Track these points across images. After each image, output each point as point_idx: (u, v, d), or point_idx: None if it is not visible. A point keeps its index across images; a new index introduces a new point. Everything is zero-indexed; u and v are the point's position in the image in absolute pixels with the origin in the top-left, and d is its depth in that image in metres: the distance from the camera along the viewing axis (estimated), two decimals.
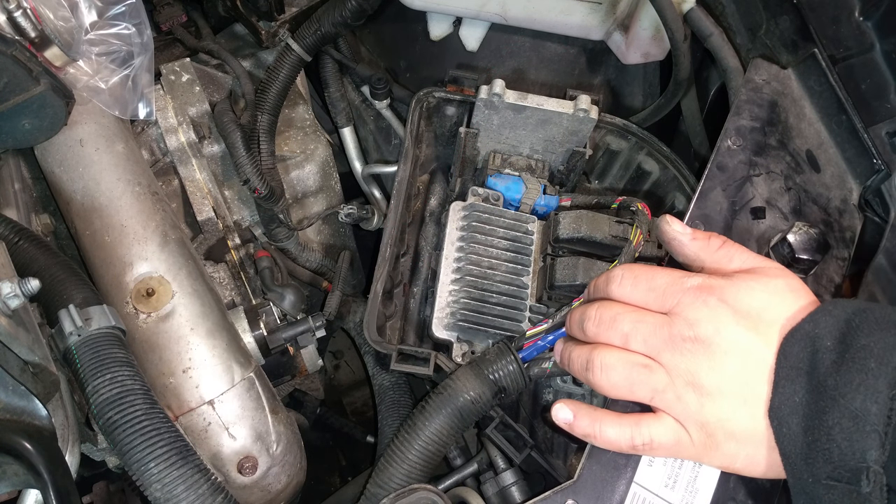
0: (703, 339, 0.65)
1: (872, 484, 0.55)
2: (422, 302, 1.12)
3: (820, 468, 0.58)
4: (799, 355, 0.62)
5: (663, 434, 0.68)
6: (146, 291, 0.92)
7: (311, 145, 1.29)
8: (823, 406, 0.58)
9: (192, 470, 0.72)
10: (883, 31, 0.90)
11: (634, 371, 0.68)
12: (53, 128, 0.94)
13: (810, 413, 0.59)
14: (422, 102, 1.15)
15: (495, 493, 0.92)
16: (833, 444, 0.57)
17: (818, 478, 0.59)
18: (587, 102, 1.06)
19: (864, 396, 0.56)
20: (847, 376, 0.58)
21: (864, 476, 0.56)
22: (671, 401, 0.67)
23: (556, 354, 0.80)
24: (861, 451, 0.56)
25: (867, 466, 0.55)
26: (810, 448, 0.59)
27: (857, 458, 0.56)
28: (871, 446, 0.56)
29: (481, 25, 1.27)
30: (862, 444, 0.56)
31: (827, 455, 0.58)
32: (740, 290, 0.66)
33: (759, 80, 0.96)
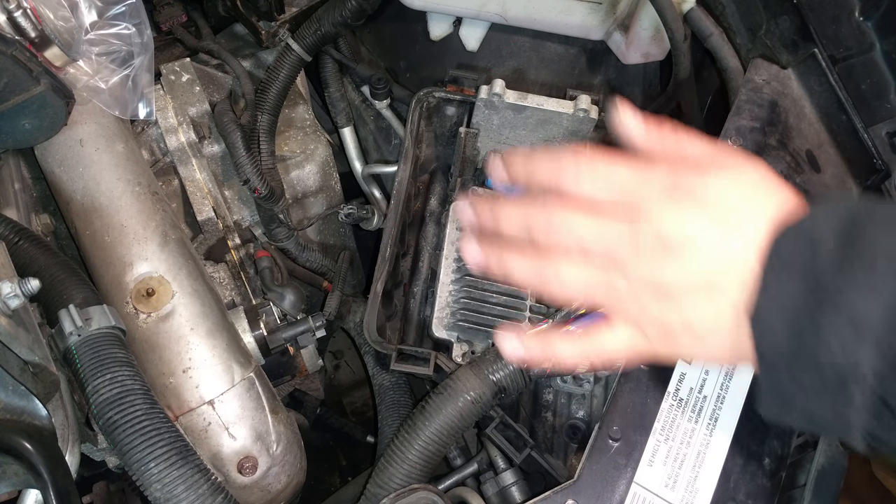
0: (670, 241, 0.59)
1: (861, 392, 0.51)
2: (422, 302, 1.12)
3: (804, 374, 0.54)
4: (794, 253, 0.55)
5: (618, 343, 0.64)
6: (146, 291, 0.92)
7: (311, 145, 1.29)
8: (818, 308, 0.52)
9: (192, 470, 0.71)
10: (883, 31, 0.90)
11: (594, 282, 0.62)
12: (53, 128, 0.94)
13: (801, 315, 0.53)
14: (422, 102, 1.15)
15: (495, 493, 0.92)
16: (824, 348, 0.52)
17: (801, 384, 0.54)
18: (587, 102, 1.06)
19: (867, 299, 0.50)
20: (849, 276, 0.51)
21: (853, 384, 0.51)
22: (631, 307, 0.62)
23: (471, 258, 0.67)
24: (854, 357, 0.50)
25: (860, 374, 0.50)
26: (796, 352, 0.54)
27: (849, 364, 0.51)
28: (867, 353, 0.50)
29: (481, 25, 1.27)
30: (857, 349, 0.50)
31: (814, 360, 0.52)
32: (711, 184, 0.59)
33: (759, 80, 0.96)
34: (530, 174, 0.66)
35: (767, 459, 0.78)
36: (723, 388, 0.80)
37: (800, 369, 0.54)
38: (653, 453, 0.76)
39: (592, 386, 1.09)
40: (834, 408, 0.53)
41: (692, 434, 0.77)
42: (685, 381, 0.80)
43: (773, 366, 0.56)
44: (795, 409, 0.56)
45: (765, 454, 0.78)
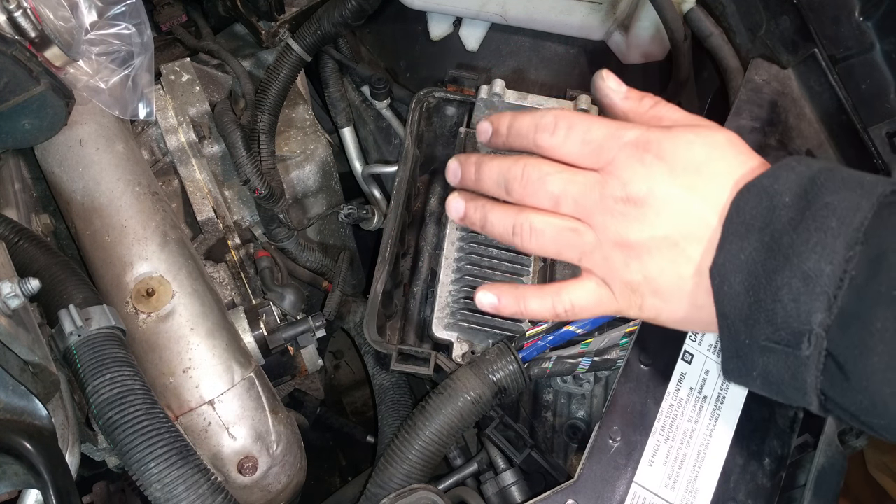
0: (635, 199, 0.61)
1: (813, 348, 0.52)
2: (422, 302, 1.12)
3: (760, 330, 0.55)
4: (753, 211, 0.57)
5: (584, 297, 0.67)
6: (146, 291, 0.92)
7: (311, 145, 1.29)
8: (774, 264, 0.54)
9: (192, 470, 0.71)
10: (883, 31, 0.90)
11: (563, 234, 0.65)
12: (53, 128, 0.94)
13: (758, 271, 0.55)
14: (422, 102, 1.15)
15: (495, 493, 0.92)
16: (778, 304, 0.54)
17: (756, 339, 0.56)
18: (587, 102, 1.06)
19: (819, 256, 0.52)
20: (804, 234, 0.53)
21: (805, 339, 0.52)
22: (598, 261, 0.65)
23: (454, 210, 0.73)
24: (807, 313, 0.52)
25: (811, 329, 0.52)
26: (752, 308, 0.55)
27: (801, 320, 0.53)
28: (818, 309, 0.52)
29: (481, 25, 1.27)
30: (809, 305, 0.52)
31: (770, 316, 0.54)
32: (679, 144, 0.61)
33: (759, 80, 0.96)
34: (513, 132, 0.68)
35: (767, 459, 0.78)
36: (723, 388, 0.80)
37: (756, 326, 0.55)
38: (653, 453, 0.76)
39: (592, 386, 1.09)
40: (788, 365, 0.54)
41: (692, 434, 0.77)
42: (685, 381, 0.80)
43: (732, 324, 0.57)
44: (755, 367, 0.58)
45: (765, 454, 0.78)
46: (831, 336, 0.52)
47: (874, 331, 0.50)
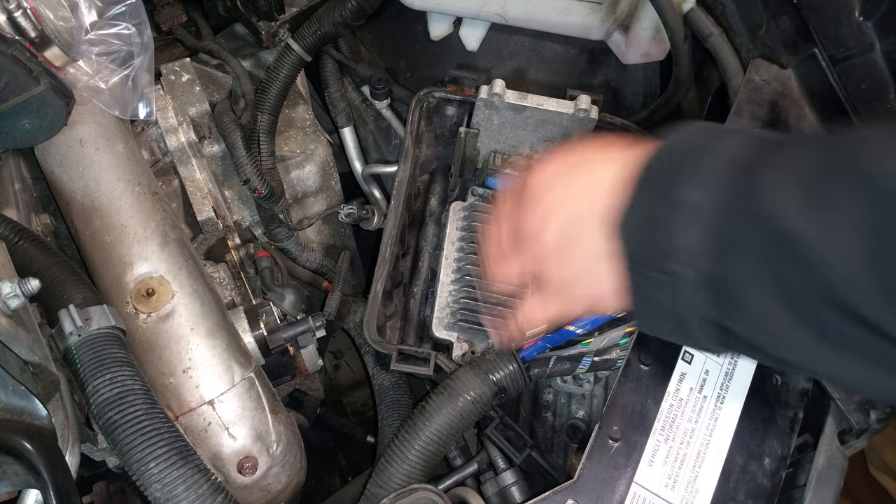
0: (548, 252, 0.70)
1: (685, 267, 0.58)
2: (422, 302, 1.12)
3: (649, 260, 0.61)
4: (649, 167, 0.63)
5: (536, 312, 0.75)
6: (146, 291, 0.92)
7: (311, 145, 1.29)
8: (661, 202, 0.61)
9: (192, 470, 0.71)
10: (883, 31, 0.90)
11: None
12: (53, 128, 0.94)
13: (650, 212, 0.61)
14: (422, 102, 1.15)
15: (495, 493, 0.92)
16: (663, 235, 0.60)
17: (652, 277, 0.61)
18: (587, 102, 1.06)
19: (694, 187, 0.58)
20: (683, 172, 0.60)
21: (680, 261, 0.58)
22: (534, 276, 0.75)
23: None
24: (684, 238, 0.58)
25: (686, 253, 0.58)
26: (645, 244, 0.62)
27: (680, 245, 0.58)
28: (693, 233, 0.57)
29: (481, 25, 1.27)
30: (685, 231, 0.58)
31: (656, 246, 0.60)
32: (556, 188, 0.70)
33: (759, 80, 0.96)
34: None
35: (767, 459, 0.78)
36: (723, 388, 0.80)
37: (648, 259, 0.62)
38: (653, 453, 0.76)
39: (592, 386, 1.09)
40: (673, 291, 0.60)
41: (692, 434, 0.77)
42: (685, 381, 0.80)
43: (631, 264, 0.63)
44: (649, 302, 0.63)
45: (765, 454, 0.78)
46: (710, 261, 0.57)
47: (741, 246, 0.55)
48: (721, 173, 0.58)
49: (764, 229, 0.54)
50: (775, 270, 0.54)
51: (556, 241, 0.69)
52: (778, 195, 0.54)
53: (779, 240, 0.53)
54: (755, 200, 0.55)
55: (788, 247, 0.53)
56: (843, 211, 0.50)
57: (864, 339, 0.52)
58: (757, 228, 0.54)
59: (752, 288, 0.55)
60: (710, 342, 0.61)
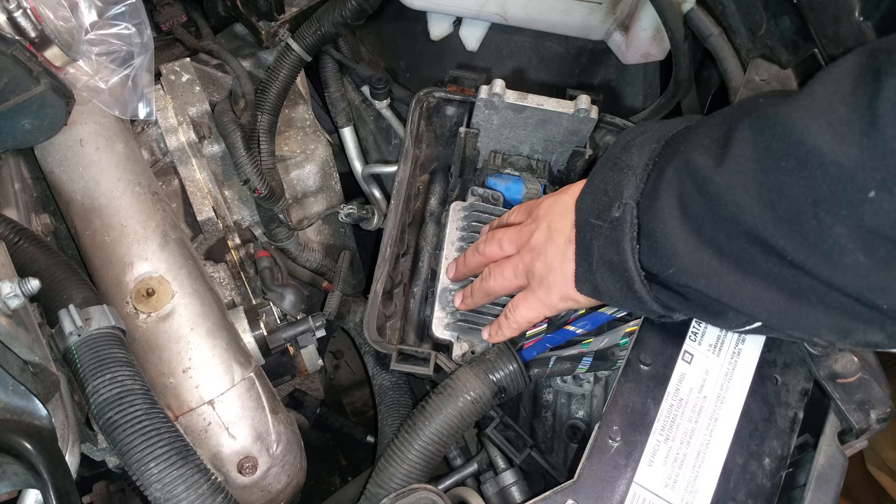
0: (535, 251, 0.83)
1: (622, 210, 0.68)
2: (422, 302, 1.12)
3: (592, 214, 0.73)
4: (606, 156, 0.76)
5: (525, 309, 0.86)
6: (146, 291, 0.92)
7: (311, 145, 1.29)
8: (608, 173, 0.73)
9: (192, 470, 0.71)
10: (883, 32, 0.90)
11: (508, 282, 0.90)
12: (53, 128, 0.94)
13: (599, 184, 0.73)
14: (422, 102, 1.15)
15: (495, 493, 0.92)
16: (604, 194, 0.71)
17: (590, 223, 0.73)
18: (587, 102, 1.06)
19: (633, 154, 0.70)
20: (629, 147, 0.72)
21: (615, 206, 0.69)
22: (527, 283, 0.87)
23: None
24: (620, 190, 0.69)
25: (621, 200, 0.69)
26: (591, 206, 0.74)
27: (616, 196, 0.69)
28: (628, 185, 0.69)
29: (481, 25, 1.27)
30: (621, 185, 0.69)
31: (600, 204, 0.72)
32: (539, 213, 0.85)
33: (759, 80, 0.96)
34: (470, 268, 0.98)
35: (767, 459, 0.78)
36: (723, 388, 0.80)
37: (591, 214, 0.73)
38: (653, 453, 0.76)
39: (592, 386, 1.09)
40: (611, 239, 0.69)
41: (692, 434, 0.77)
42: (685, 381, 0.80)
43: (580, 230, 0.75)
44: (594, 258, 0.73)
45: (765, 454, 0.78)
46: (641, 208, 0.67)
47: (663, 189, 0.64)
48: (653, 139, 0.70)
49: (678, 172, 0.64)
50: (685, 203, 0.63)
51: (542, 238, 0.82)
52: (691, 142, 0.65)
53: (688, 178, 0.62)
54: (678, 152, 0.65)
55: (695, 182, 0.61)
56: (737, 147, 0.58)
57: (762, 261, 0.59)
58: (675, 173, 0.64)
59: (669, 225, 0.64)
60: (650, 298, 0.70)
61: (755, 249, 0.58)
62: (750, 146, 0.57)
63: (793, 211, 0.54)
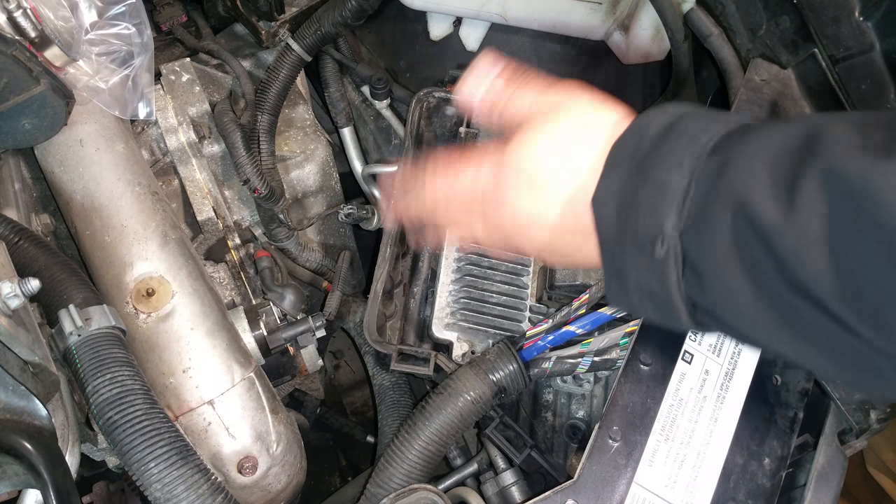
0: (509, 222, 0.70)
1: (667, 248, 0.58)
2: (422, 302, 1.12)
3: (627, 243, 0.61)
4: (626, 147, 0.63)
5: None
6: (146, 291, 0.92)
7: (311, 145, 1.29)
8: (636, 183, 0.61)
9: (192, 470, 0.71)
10: (883, 31, 0.90)
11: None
12: (53, 128, 0.94)
13: (626, 193, 0.61)
14: (422, 102, 1.15)
15: (495, 493, 0.92)
16: (639, 217, 0.60)
17: (628, 256, 0.62)
18: None
19: (669, 167, 0.59)
20: (661, 154, 0.60)
21: (658, 241, 0.59)
22: None
23: None
24: (660, 218, 0.58)
25: (663, 232, 0.58)
26: (622, 227, 0.62)
27: (657, 226, 0.59)
28: (669, 213, 0.58)
29: (481, 25, 1.27)
30: (662, 211, 0.58)
31: (634, 228, 0.60)
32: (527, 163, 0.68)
33: (759, 80, 0.96)
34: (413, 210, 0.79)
35: (767, 459, 0.78)
36: (723, 388, 0.80)
37: (625, 241, 0.61)
38: (653, 453, 0.76)
39: (592, 386, 1.09)
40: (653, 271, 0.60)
41: (692, 434, 0.77)
42: (685, 381, 0.80)
43: (609, 248, 0.64)
44: (629, 282, 0.63)
45: (765, 454, 0.78)
46: (685, 239, 0.58)
47: (715, 228, 0.56)
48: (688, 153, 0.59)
49: (733, 210, 0.55)
50: (743, 250, 0.55)
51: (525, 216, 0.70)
52: (746, 177, 0.55)
53: (746, 221, 0.54)
54: (727, 182, 0.56)
55: (754, 228, 0.54)
56: (805, 199, 0.51)
57: (824, 326, 0.53)
58: (727, 208, 0.55)
59: (722, 265, 0.56)
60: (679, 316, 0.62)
61: (819, 315, 0.53)
62: (821, 203, 0.50)
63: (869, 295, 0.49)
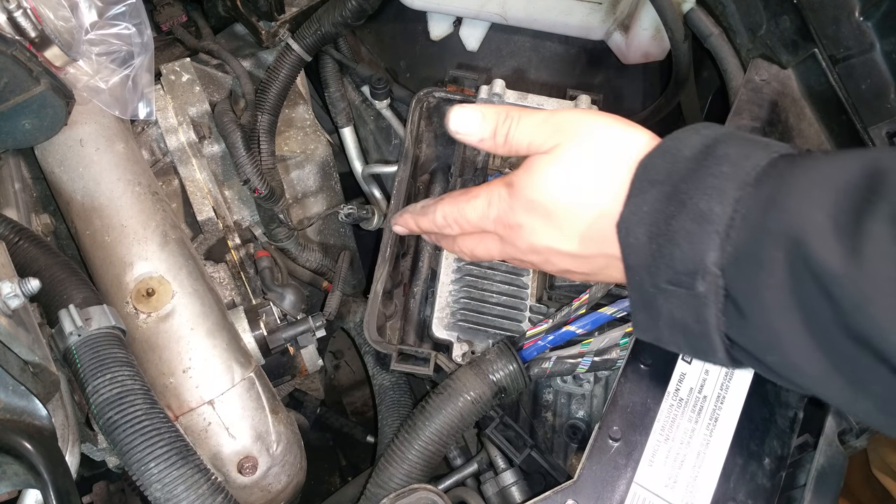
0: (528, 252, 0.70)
1: (708, 285, 0.54)
2: (422, 302, 1.12)
3: (661, 275, 0.57)
4: (657, 168, 0.59)
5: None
6: (146, 291, 0.92)
7: (311, 145, 1.29)
8: (672, 211, 0.56)
9: (192, 470, 0.72)
10: (883, 31, 0.90)
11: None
12: (53, 128, 0.94)
13: (659, 220, 0.57)
14: (422, 102, 1.15)
15: (495, 493, 0.92)
16: (676, 247, 0.55)
17: (658, 285, 0.57)
18: (587, 102, 1.06)
19: (710, 197, 0.54)
20: (699, 180, 0.56)
21: (699, 277, 0.54)
22: None
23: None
24: (701, 252, 0.54)
25: (705, 268, 0.54)
26: (654, 256, 0.57)
27: (696, 259, 0.54)
28: (711, 247, 0.53)
29: (481, 25, 1.27)
30: (702, 245, 0.54)
31: (669, 259, 0.56)
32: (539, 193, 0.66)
33: (759, 80, 0.96)
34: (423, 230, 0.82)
35: (767, 459, 0.78)
36: (723, 388, 0.80)
37: (658, 272, 0.57)
38: (653, 453, 0.76)
39: (592, 386, 1.09)
40: (689, 306, 0.56)
41: (692, 434, 0.77)
42: (685, 381, 0.80)
43: (637, 274, 0.59)
44: (660, 315, 0.59)
45: (765, 454, 0.78)
46: (728, 275, 0.54)
47: (765, 267, 0.51)
48: (737, 182, 0.54)
49: (787, 248, 0.50)
50: (797, 293, 0.50)
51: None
52: (801, 214, 0.50)
53: (802, 263, 0.49)
54: (779, 218, 0.51)
55: (812, 272, 0.49)
56: (872, 245, 0.46)
57: (883, 379, 0.49)
58: (779, 246, 0.50)
59: (771, 306, 0.52)
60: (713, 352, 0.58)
61: (879, 367, 0.49)
62: (891, 249, 0.46)
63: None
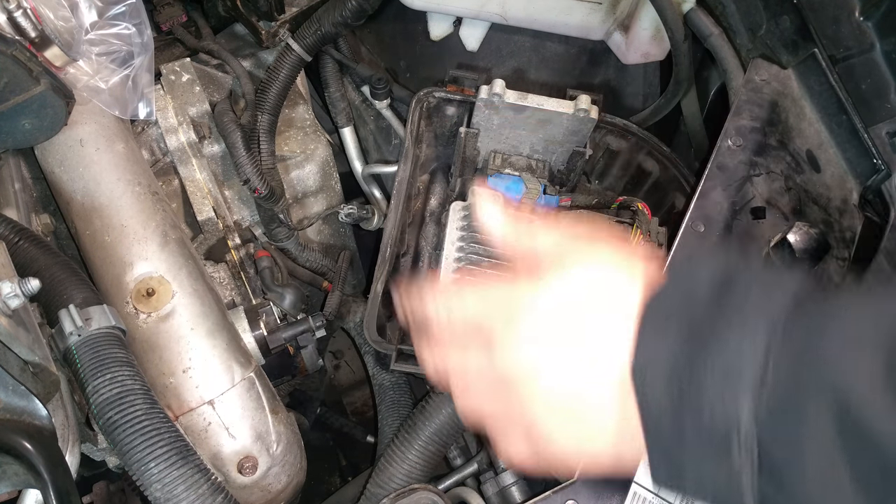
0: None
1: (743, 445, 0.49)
2: None
3: (688, 429, 0.52)
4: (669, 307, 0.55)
5: None
6: (146, 291, 0.92)
7: (311, 145, 1.29)
8: (693, 353, 0.51)
9: (192, 470, 0.72)
10: (883, 31, 0.90)
11: None
12: (53, 128, 0.94)
13: (678, 363, 0.52)
14: (422, 102, 1.15)
15: (495, 493, 0.92)
16: (704, 396, 0.50)
17: (686, 440, 0.52)
18: (587, 102, 1.06)
19: (739, 338, 0.50)
20: (724, 326, 0.51)
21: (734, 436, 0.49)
22: None
23: None
24: (734, 403, 0.49)
25: (738, 424, 0.49)
26: (677, 404, 0.52)
27: (730, 413, 0.49)
28: (744, 397, 0.49)
29: (481, 25, 1.27)
30: (735, 394, 0.49)
31: (696, 411, 0.51)
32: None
33: (759, 80, 0.96)
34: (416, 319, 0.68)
35: None
36: None
37: (684, 426, 0.52)
38: None
39: None
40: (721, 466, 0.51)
41: None
42: None
43: (657, 427, 0.54)
44: (688, 478, 0.54)
45: None
46: (764, 432, 0.49)
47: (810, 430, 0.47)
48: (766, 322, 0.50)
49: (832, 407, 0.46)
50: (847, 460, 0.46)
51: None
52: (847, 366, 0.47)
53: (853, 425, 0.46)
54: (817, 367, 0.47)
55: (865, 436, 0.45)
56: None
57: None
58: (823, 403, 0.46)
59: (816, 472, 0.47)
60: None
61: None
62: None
63: None
